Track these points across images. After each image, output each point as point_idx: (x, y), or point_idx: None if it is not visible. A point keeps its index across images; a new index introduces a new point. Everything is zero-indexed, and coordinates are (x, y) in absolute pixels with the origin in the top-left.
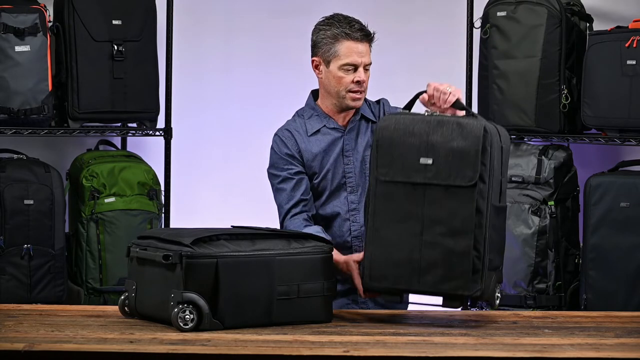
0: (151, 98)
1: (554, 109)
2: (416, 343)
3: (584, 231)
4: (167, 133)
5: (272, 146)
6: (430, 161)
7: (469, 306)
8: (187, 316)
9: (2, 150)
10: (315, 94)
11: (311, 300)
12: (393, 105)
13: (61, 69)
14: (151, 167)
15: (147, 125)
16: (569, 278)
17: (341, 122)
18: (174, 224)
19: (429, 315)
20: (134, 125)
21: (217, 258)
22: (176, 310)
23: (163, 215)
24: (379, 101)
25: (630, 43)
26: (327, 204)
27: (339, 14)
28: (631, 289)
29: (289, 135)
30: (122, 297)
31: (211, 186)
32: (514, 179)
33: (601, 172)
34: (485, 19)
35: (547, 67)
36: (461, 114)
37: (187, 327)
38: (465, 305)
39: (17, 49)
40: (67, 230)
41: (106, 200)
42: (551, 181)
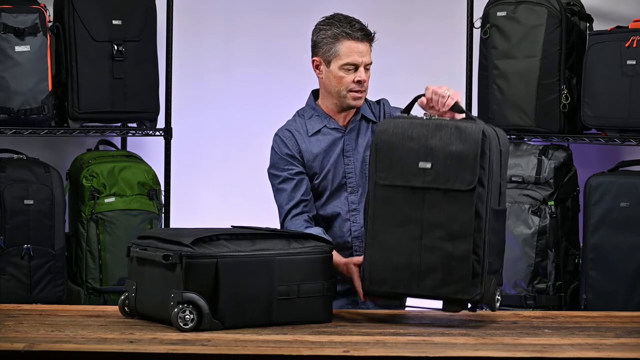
0: (151, 98)
1: (554, 109)
2: (416, 343)
3: (584, 231)
4: (167, 133)
5: (272, 146)
6: (429, 165)
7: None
8: (187, 316)
9: (2, 150)
10: (315, 94)
11: (311, 300)
12: (393, 105)
13: (61, 69)
14: (151, 167)
15: (147, 125)
16: (569, 278)
17: (342, 122)
18: (174, 224)
19: (429, 315)
20: (134, 125)
21: (217, 258)
22: (176, 310)
23: (163, 215)
24: (379, 101)
25: (630, 43)
26: (327, 204)
27: (339, 13)
28: (631, 289)
29: (289, 135)
30: (122, 297)
31: (211, 186)
32: (514, 179)
33: (601, 172)
34: (485, 19)
35: (547, 67)
36: (460, 116)
37: (187, 327)
38: (466, 310)
39: (17, 49)
40: (67, 230)
41: (106, 200)
42: (551, 181)
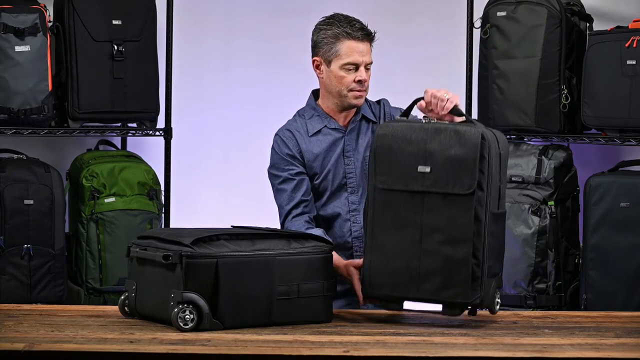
0: (151, 98)
1: (554, 109)
2: (416, 343)
3: (584, 231)
4: (167, 133)
5: (272, 146)
6: (428, 169)
7: (469, 313)
8: (187, 316)
9: (2, 150)
10: (316, 93)
11: (311, 300)
12: (393, 105)
13: (61, 69)
14: (151, 167)
15: (147, 125)
16: (569, 278)
17: (342, 122)
18: (174, 224)
19: (429, 315)
20: (134, 125)
21: (217, 258)
22: (176, 310)
23: (163, 215)
24: (379, 101)
25: (630, 43)
26: (327, 205)
27: (339, 13)
28: (631, 289)
29: (290, 135)
30: (122, 297)
31: (211, 186)
32: (514, 179)
33: (601, 172)
34: (485, 19)
35: (547, 67)
36: (459, 119)
37: (187, 327)
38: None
39: (17, 49)
40: (67, 230)
41: (106, 200)
42: (551, 181)
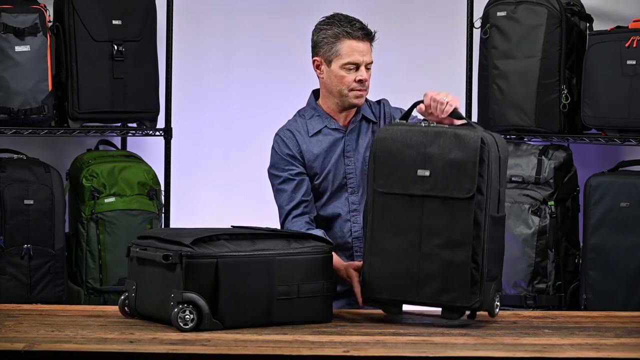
0: (151, 98)
1: (554, 109)
2: (416, 343)
3: (584, 231)
4: (167, 133)
5: (273, 146)
6: (427, 173)
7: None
8: (187, 316)
9: (2, 150)
10: (316, 93)
11: (311, 300)
12: (393, 105)
13: (61, 69)
14: (151, 167)
15: (147, 125)
16: (569, 278)
17: (342, 122)
18: (174, 224)
19: (429, 316)
20: (134, 125)
21: (217, 258)
22: (176, 310)
23: (163, 215)
24: (379, 101)
25: (630, 43)
26: (328, 205)
27: (339, 13)
28: (631, 289)
29: (290, 135)
30: (122, 297)
31: (211, 186)
32: (514, 179)
33: (601, 172)
34: (485, 19)
35: (547, 67)
36: (459, 122)
37: (187, 327)
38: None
39: (17, 49)
40: (67, 230)
41: (106, 200)
42: (551, 181)
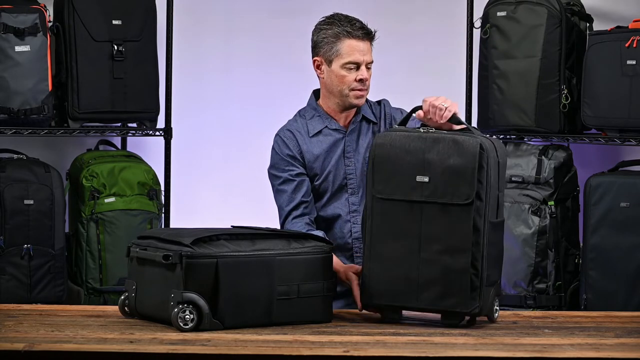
0: (151, 98)
1: (554, 109)
2: (416, 343)
3: (584, 231)
4: (167, 133)
5: (273, 146)
6: (426, 179)
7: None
8: (187, 316)
9: (2, 150)
10: (317, 93)
11: (311, 300)
12: (394, 106)
13: (61, 69)
14: (151, 167)
15: (147, 125)
16: (569, 278)
17: (342, 122)
18: (174, 224)
19: (429, 316)
20: (134, 125)
21: (217, 258)
22: (176, 310)
23: (163, 215)
24: (379, 102)
25: (630, 43)
26: (328, 206)
27: (339, 13)
28: (631, 289)
29: (290, 135)
30: (122, 297)
31: (211, 186)
32: (514, 179)
33: (601, 172)
34: (485, 19)
35: (547, 67)
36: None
37: (187, 327)
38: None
39: (17, 49)
40: (67, 230)
41: (106, 200)
42: (551, 181)
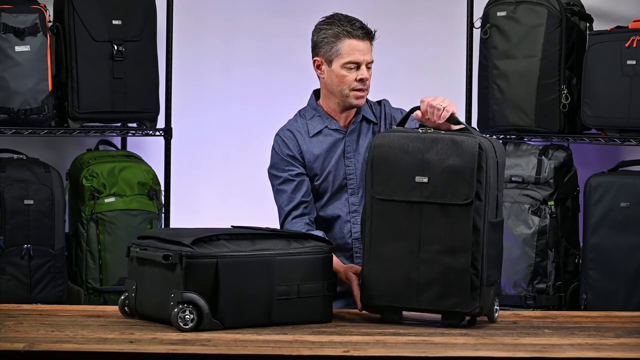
0: (151, 98)
1: (554, 109)
2: (416, 343)
3: (584, 231)
4: (167, 133)
5: (273, 146)
6: (425, 179)
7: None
8: (187, 316)
9: (2, 150)
10: (317, 93)
11: (311, 300)
12: (394, 106)
13: (61, 69)
14: (151, 167)
15: (147, 125)
16: (569, 278)
17: (343, 122)
18: (174, 224)
19: (429, 316)
20: (134, 125)
21: (217, 258)
22: (176, 310)
23: (163, 215)
24: (380, 102)
25: (630, 43)
26: (328, 206)
27: (339, 13)
28: (631, 289)
29: (290, 135)
30: (122, 297)
31: (211, 186)
32: (514, 179)
33: (601, 172)
34: (485, 19)
35: (547, 67)
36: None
37: (187, 327)
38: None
39: (17, 49)
40: (67, 230)
41: (106, 200)
42: (551, 181)
